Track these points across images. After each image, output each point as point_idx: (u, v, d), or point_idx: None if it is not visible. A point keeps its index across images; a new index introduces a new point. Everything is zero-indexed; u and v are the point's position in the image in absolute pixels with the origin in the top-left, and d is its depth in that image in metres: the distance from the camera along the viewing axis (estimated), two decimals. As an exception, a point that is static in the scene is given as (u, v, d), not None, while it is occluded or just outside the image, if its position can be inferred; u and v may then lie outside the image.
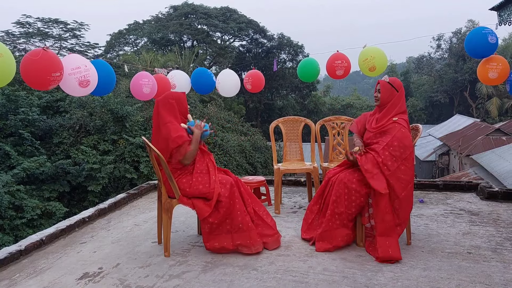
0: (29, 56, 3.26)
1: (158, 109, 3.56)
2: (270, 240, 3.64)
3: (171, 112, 3.54)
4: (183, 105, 3.64)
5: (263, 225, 3.66)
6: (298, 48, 35.36)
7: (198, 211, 3.49)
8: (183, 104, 3.65)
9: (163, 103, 3.56)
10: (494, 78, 4.34)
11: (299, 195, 5.63)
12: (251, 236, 3.50)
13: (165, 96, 3.63)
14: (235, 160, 14.80)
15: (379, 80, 3.74)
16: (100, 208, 4.92)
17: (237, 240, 3.50)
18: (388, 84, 3.64)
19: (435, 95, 41.99)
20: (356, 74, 75.99)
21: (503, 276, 3.00)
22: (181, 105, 3.63)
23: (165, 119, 3.50)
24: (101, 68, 3.87)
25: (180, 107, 3.62)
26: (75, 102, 13.04)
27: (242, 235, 3.50)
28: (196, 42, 33.14)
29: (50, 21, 24.43)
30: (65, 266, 3.44)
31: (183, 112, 3.65)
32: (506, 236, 3.80)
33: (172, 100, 3.57)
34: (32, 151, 11.73)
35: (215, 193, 3.45)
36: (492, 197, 5.03)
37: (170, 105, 3.56)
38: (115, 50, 33.77)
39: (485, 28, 4.28)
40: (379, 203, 3.39)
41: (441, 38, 41.47)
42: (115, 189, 12.10)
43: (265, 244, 3.61)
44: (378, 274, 3.08)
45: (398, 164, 3.41)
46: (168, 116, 3.52)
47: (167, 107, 3.55)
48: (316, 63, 5.37)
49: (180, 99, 3.64)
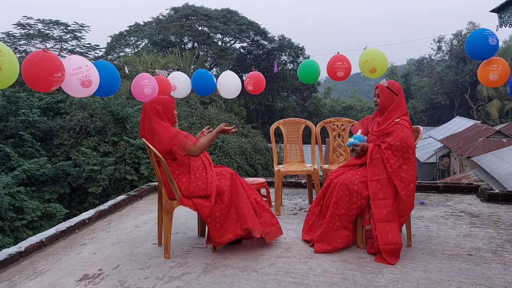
0: (30, 58, 3.26)
1: (145, 113, 3.60)
2: (274, 229, 3.69)
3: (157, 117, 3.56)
4: (169, 111, 3.63)
5: (266, 215, 3.69)
6: (299, 50, 35.42)
7: (200, 209, 3.49)
8: (169, 110, 3.63)
9: (149, 108, 3.58)
10: (495, 80, 4.33)
11: (299, 196, 5.62)
12: (254, 222, 3.53)
13: (152, 100, 3.65)
14: (236, 162, 14.80)
15: (377, 84, 3.75)
16: (100, 210, 4.92)
17: (244, 224, 3.50)
18: (386, 88, 3.65)
19: (436, 97, 42.01)
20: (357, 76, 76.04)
21: (503, 278, 2.99)
22: (167, 110, 3.62)
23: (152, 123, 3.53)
24: (105, 69, 3.87)
25: (166, 112, 3.61)
26: (75, 104, 13.05)
27: (247, 219, 3.51)
28: (196, 44, 33.21)
29: (51, 23, 24.49)
30: (65, 268, 3.44)
31: (169, 117, 3.63)
32: (507, 238, 3.79)
33: (158, 106, 3.58)
34: (33, 153, 11.74)
35: (213, 186, 3.49)
36: (493, 199, 5.02)
37: (156, 110, 3.56)
38: (115, 52, 33.84)
39: (486, 30, 4.28)
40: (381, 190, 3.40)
41: (442, 40, 41.55)
42: (116, 190, 12.10)
43: (268, 234, 3.63)
44: (378, 276, 3.07)
45: (400, 163, 3.42)
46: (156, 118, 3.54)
47: (153, 112, 3.56)
48: (317, 64, 5.36)
49: (166, 104, 3.63)
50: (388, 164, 3.42)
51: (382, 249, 3.31)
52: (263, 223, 3.62)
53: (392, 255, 3.31)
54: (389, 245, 3.31)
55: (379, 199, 3.40)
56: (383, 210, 3.37)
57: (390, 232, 3.33)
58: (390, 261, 3.27)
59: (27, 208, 9.94)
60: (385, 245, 3.31)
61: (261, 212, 3.67)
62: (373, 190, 3.42)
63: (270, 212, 3.75)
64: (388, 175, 3.42)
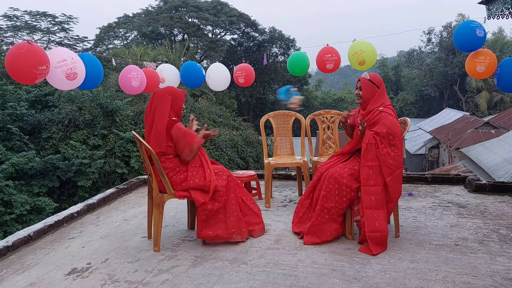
0: (14, 49, 3.20)
1: (153, 100, 3.59)
2: (257, 228, 3.79)
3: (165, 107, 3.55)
4: (178, 104, 3.64)
5: (250, 214, 3.78)
6: (290, 42, 35.28)
7: (195, 199, 3.51)
8: (179, 103, 3.65)
9: (159, 97, 3.59)
10: (482, 71, 4.36)
11: (289, 189, 5.63)
12: (240, 225, 3.64)
13: (164, 89, 3.67)
14: (227, 155, 14.76)
15: (359, 77, 3.76)
16: (89, 204, 4.88)
17: (232, 228, 3.58)
18: (368, 81, 3.66)
19: (425, 89, 42.22)
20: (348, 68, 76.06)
21: (489, 267, 3.03)
22: (176, 103, 3.63)
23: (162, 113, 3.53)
24: (87, 62, 3.82)
25: (175, 105, 3.62)
26: (64, 97, 12.89)
27: (236, 223, 3.61)
28: (187, 36, 32.92)
29: (38, 14, 24.09)
30: (53, 262, 3.42)
31: (176, 110, 3.64)
32: (493, 228, 3.84)
33: (169, 96, 3.59)
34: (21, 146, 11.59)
35: (212, 186, 3.51)
36: (480, 190, 5.08)
37: (166, 100, 3.56)
38: (104, 44, 33.42)
39: (473, 21, 4.30)
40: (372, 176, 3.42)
41: (432, 32, 41.65)
42: (106, 184, 12.01)
43: (252, 232, 3.75)
44: (366, 267, 3.10)
45: (387, 150, 3.44)
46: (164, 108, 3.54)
47: (162, 101, 3.56)
48: (306, 57, 5.35)
49: (177, 97, 3.64)
50: (378, 150, 3.45)
51: (368, 236, 3.35)
52: (247, 222, 3.73)
53: (377, 243, 3.34)
54: (375, 232, 3.34)
55: (369, 185, 3.42)
56: (372, 197, 3.40)
57: (377, 220, 3.36)
58: (374, 250, 3.31)
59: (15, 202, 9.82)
60: (371, 232, 3.35)
61: (246, 211, 3.76)
62: (364, 176, 3.44)
63: (254, 211, 3.83)
64: (380, 162, 3.45)
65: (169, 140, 3.55)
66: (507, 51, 32.16)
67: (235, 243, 3.62)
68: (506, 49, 33.71)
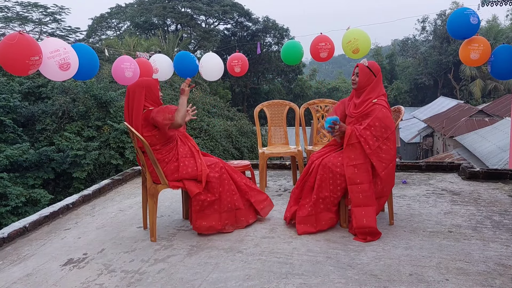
0: (6, 40, 3.16)
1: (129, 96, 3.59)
2: (265, 203, 3.92)
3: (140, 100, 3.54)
4: (153, 93, 3.60)
5: (256, 193, 3.87)
6: (284, 31, 35.07)
7: (189, 189, 3.52)
8: (154, 92, 3.60)
9: (133, 91, 3.58)
10: (476, 59, 4.36)
11: (284, 178, 5.65)
12: (237, 215, 3.69)
13: (135, 83, 3.66)
14: (222, 145, 14.76)
15: (357, 63, 3.73)
16: (84, 195, 4.88)
17: (226, 219, 3.63)
18: (366, 68, 3.62)
19: (420, 77, 42.25)
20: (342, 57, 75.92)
21: (482, 253, 3.07)
22: (151, 92, 3.59)
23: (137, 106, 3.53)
24: (82, 52, 3.77)
25: (151, 95, 3.58)
26: (57, 88, 12.80)
27: (230, 214, 3.66)
28: (180, 26, 32.66)
29: (29, 5, 23.80)
30: (49, 253, 3.42)
31: (153, 100, 3.60)
32: (486, 214, 3.88)
33: (142, 88, 3.57)
34: (15, 138, 11.53)
35: (204, 175, 3.52)
36: (473, 177, 5.12)
37: (140, 93, 3.55)
38: (97, 35, 33.08)
39: (467, 9, 4.28)
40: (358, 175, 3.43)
41: (426, 20, 41.55)
42: (101, 175, 11.98)
43: (262, 210, 3.86)
44: (361, 254, 3.13)
45: (379, 143, 3.43)
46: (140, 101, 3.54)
47: (137, 94, 3.55)
48: (300, 45, 5.32)
49: (150, 86, 3.60)
50: (367, 145, 3.42)
51: (357, 232, 3.41)
52: (255, 202, 3.82)
53: (366, 234, 3.39)
54: (364, 228, 3.38)
55: (355, 183, 3.42)
56: (360, 195, 3.41)
57: (365, 217, 3.38)
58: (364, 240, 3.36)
59: (10, 194, 9.80)
60: (359, 228, 3.39)
61: (250, 192, 3.82)
62: (349, 176, 3.44)
63: (257, 189, 3.94)
64: (365, 159, 3.43)
65: (152, 129, 3.52)
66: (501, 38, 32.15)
67: (230, 233, 3.64)
68: (500, 36, 33.69)
